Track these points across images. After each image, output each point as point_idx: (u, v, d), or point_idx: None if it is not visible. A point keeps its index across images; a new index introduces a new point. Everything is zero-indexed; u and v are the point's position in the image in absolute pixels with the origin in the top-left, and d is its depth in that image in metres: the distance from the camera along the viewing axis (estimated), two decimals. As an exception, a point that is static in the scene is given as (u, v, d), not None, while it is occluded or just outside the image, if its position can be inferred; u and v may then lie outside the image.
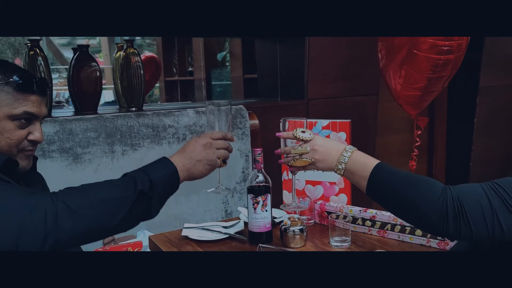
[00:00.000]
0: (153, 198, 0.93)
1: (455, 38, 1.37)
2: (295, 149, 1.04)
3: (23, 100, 1.02)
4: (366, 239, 1.25)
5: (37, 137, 1.05)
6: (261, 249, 1.10)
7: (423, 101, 1.59)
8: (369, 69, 2.43)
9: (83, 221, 0.86)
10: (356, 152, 0.99)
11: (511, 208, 0.77)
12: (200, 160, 1.02)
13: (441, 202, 0.81)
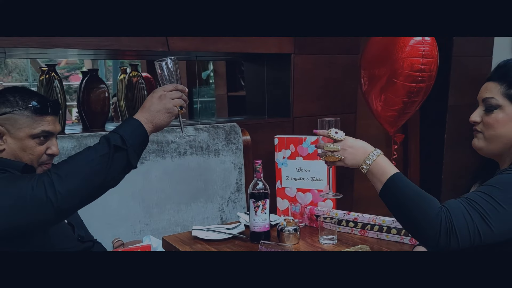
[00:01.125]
0: (128, 150, 1.08)
1: (427, 70, 1.64)
2: (328, 146, 1.19)
3: (40, 121, 1.22)
4: (350, 237, 1.48)
5: (54, 151, 1.26)
6: (263, 244, 1.31)
7: (399, 120, 1.85)
8: (347, 89, 2.68)
9: (73, 182, 1.03)
10: (381, 157, 1.11)
11: (487, 221, 0.96)
12: (159, 110, 1.14)
13: (437, 219, 0.97)
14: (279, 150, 1.63)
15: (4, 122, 1.19)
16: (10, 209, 1.03)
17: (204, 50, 2.21)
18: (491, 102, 1.11)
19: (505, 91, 1.10)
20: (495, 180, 1.03)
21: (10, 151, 1.20)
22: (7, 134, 1.20)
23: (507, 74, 1.10)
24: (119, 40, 1.98)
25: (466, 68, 3.23)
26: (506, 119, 1.10)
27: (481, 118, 1.15)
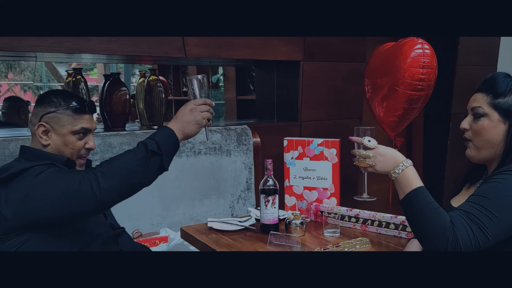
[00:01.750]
0: (162, 154, 1.26)
1: (426, 79, 1.78)
2: (361, 153, 1.31)
3: (79, 119, 1.38)
4: (351, 231, 1.61)
5: (91, 146, 1.42)
6: (272, 235, 1.45)
7: (400, 125, 2.00)
8: (353, 95, 2.82)
9: (115, 180, 1.21)
10: (409, 168, 1.21)
11: (485, 231, 1.09)
12: (189, 121, 1.32)
13: (446, 236, 1.09)
14: (288, 151, 1.77)
15: (49, 120, 1.36)
16: (60, 198, 1.19)
17: (218, 56, 2.36)
18: (479, 111, 1.25)
19: (491, 101, 1.23)
20: (484, 190, 1.16)
21: (54, 145, 1.36)
22: (52, 131, 1.36)
23: (493, 86, 1.24)
24: (140, 47, 2.13)
25: (470, 77, 3.33)
26: (492, 125, 1.23)
27: (470, 126, 1.28)
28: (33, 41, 1.89)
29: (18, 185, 1.24)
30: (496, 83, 1.24)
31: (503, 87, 1.23)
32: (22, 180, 1.24)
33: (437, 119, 3.44)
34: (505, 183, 1.14)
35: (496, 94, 1.23)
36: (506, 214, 1.11)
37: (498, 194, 1.13)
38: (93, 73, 12.25)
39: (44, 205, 1.20)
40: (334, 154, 1.72)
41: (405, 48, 1.84)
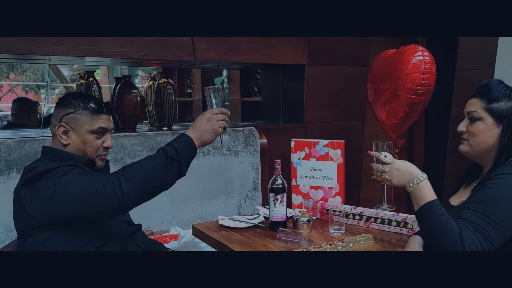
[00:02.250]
0: (181, 161, 1.34)
1: (426, 84, 1.87)
2: (378, 168, 1.38)
3: (97, 119, 1.46)
4: (355, 228, 1.69)
5: (109, 144, 1.50)
6: (281, 231, 1.53)
7: (401, 127, 2.09)
8: (356, 98, 2.90)
9: (137, 184, 1.28)
10: (423, 182, 1.28)
11: (490, 238, 1.18)
12: (206, 130, 1.40)
13: (455, 246, 1.18)
14: (295, 152, 1.85)
15: (68, 121, 1.44)
16: (84, 198, 1.27)
17: (227, 60, 2.44)
18: (474, 115, 1.34)
19: (485, 106, 1.32)
20: (482, 197, 1.24)
21: (74, 144, 1.44)
22: (71, 131, 1.44)
23: (487, 92, 1.33)
24: (152, 51, 2.21)
25: (469, 81, 3.42)
26: (486, 128, 1.32)
27: (466, 128, 1.37)
28: (49, 44, 1.97)
29: (43, 185, 1.31)
30: (490, 89, 1.33)
31: (497, 93, 1.32)
32: (48, 179, 1.31)
33: (437, 121, 3.52)
34: (500, 188, 1.23)
35: (490, 100, 1.32)
36: (505, 217, 1.20)
37: (495, 199, 1.22)
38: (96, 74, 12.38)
39: (69, 204, 1.28)
40: (339, 154, 1.79)
41: (407, 54, 1.93)
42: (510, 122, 1.31)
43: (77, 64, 5.94)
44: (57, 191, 1.28)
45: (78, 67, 9.19)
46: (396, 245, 1.52)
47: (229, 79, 4.48)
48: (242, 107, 4.22)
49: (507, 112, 1.32)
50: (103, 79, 10.29)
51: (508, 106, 1.32)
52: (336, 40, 2.75)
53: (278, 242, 1.52)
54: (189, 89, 5.19)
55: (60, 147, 1.46)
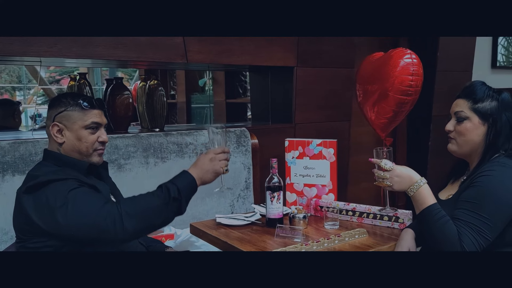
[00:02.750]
0: (182, 200, 1.35)
1: (414, 85, 1.96)
2: (379, 174, 1.45)
3: (89, 114, 1.47)
4: (349, 224, 1.75)
5: (104, 139, 1.51)
6: (279, 227, 1.58)
7: (390, 126, 2.17)
8: (343, 100, 2.98)
9: (138, 222, 1.29)
10: (423, 187, 1.37)
11: (485, 235, 1.27)
12: (208, 170, 1.42)
13: (456, 246, 1.27)
14: (289, 151, 1.90)
15: (61, 120, 1.45)
16: (84, 226, 1.27)
17: (219, 62, 2.48)
18: (461, 115, 1.42)
19: (471, 106, 1.41)
20: (472, 196, 1.33)
21: (69, 142, 1.45)
22: (65, 129, 1.45)
23: (472, 93, 1.42)
24: (145, 53, 2.23)
25: (448, 82, 3.55)
26: (473, 127, 1.41)
27: (454, 127, 1.45)
28: (42, 46, 1.98)
29: (47, 196, 1.31)
30: (475, 90, 1.42)
31: (481, 94, 1.41)
32: (52, 191, 1.31)
33: (420, 122, 3.63)
34: (486, 186, 1.32)
35: (476, 100, 1.41)
36: (495, 212, 1.29)
37: (484, 197, 1.31)
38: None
39: (69, 227, 1.28)
40: (332, 153, 1.85)
41: (396, 57, 2.01)
42: (494, 121, 1.40)
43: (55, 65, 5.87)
44: (58, 211, 1.28)
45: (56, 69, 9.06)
46: (388, 239, 1.59)
47: (213, 81, 4.52)
48: (227, 109, 4.27)
49: (491, 111, 1.40)
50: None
51: (492, 105, 1.40)
52: (323, 43, 2.82)
53: (277, 238, 1.56)
54: (172, 91, 5.19)
55: (56, 148, 1.47)
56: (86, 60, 2.18)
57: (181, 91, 4.87)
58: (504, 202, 1.28)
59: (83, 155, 1.47)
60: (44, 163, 1.48)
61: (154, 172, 2.20)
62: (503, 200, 1.28)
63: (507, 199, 1.28)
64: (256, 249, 1.48)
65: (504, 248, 1.33)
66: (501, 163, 1.34)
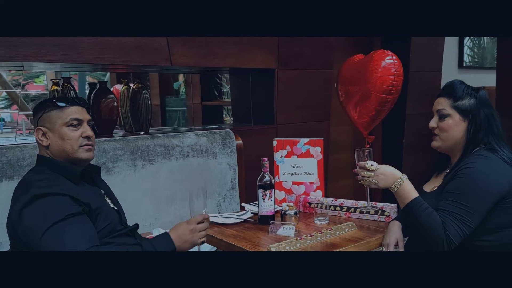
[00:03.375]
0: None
1: (395, 85, 2.06)
2: (366, 173, 1.52)
3: (67, 111, 1.47)
4: (337, 219, 1.82)
5: (88, 134, 1.50)
6: (272, 224, 1.63)
7: (372, 124, 2.27)
8: (323, 100, 3.07)
9: None
10: (406, 182, 1.47)
11: (467, 223, 1.36)
12: (187, 241, 1.44)
13: (441, 234, 1.36)
14: (277, 150, 1.96)
15: (43, 123, 1.47)
16: None
17: (202, 65, 2.51)
18: (443, 112, 1.52)
19: (452, 103, 1.51)
20: (455, 187, 1.42)
21: (54, 143, 1.46)
22: (48, 131, 1.46)
23: (452, 91, 1.52)
24: (130, 56, 2.25)
25: (420, 82, 3.71)
26: (454, 124, 1.51)
27: (436, 124, 1.55)
28: (27, 51, 1.97)
29: (36, 217, 1.31)
30: (455, 89, 1.52)
31: (460, 92, 1.51)
32: (42, 208, 1.32)
33: (394, 121, 3.77)
34: (468, 177, 1.42)
35: (456, 98, 1.51)
36: (476, 202, 1.38)
37: (466, 188, 1.40)
38: (38, 81, 11.89)
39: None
40: (319, 151, 1.92)
41: (378, 58, 2.11)
42: (473, 117, 1.50)
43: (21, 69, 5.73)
44: (42, 239, 1.28)
45: (18, 72, 8.84)
46: (375, 231, 1.67)
47: (186, 84, 4.53)
48: (202, 111, 4.30)
49: (471, 108, 1.50)
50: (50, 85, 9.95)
51: (471, 103, 1.51)
52: (303, 46, 2.90)
53: (271, 234, 1.62)
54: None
55: (45, 152, 1.48)
56: (71, 64, 2.18)
57: (155, 94, 4.85)
58: (484, 191, 1.38)
59: (69, 153, 1.46)
60: (38, 169, 1.48)
61: (142, 175, 2.22)
62: (484, 190, 1.38)
63: (488, 188, 1.38)
64: (251, 245, 1.53)
65: (484, 235, 1.42)
66: (482, 156, 1.44)
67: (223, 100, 4.43)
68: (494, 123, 1.50)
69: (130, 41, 2.23)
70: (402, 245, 1.54)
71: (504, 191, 1.39)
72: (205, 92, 4.34)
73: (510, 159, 1.45)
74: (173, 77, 4.90)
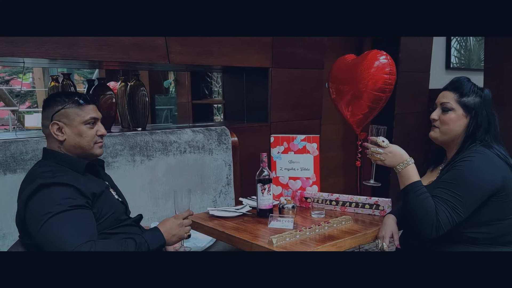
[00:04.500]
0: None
1: (389, 83, 2.14)
2: (375, 149, 1.58)
3: (86, 109, 1.53)
4: (333, 213, 1.89)
5: (103, 132, 1.56)
6: (271, 216, 1.69)
7: (364, 122, 2.34)
8: (315, 99, 3.14)
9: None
10: (411, 166, 1.52)
11: (458, 211, 1.43)
12: (175, 235, 1.50)
13: (432, 220, 1.42)
14: (275, 146, 2.02)
15: (60, 118, 1.49)
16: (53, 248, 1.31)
17: (199, 63, 2.56)
18: (447, 106, 1.58)
19: (457, 98, 1.57)
20: (451, 177, 1.49)
21: (70, 139, 1.50)
22: (65, 126, 1.49)
23: (459, 87, 1.57)
24: (129, 54, 2.29)
25: (409, 82, 3.81)
26: (457, 118, 1.57)
27: (438, 117, 1.60)
28: (29, 47, 1.99)
29: (42, 202, 1.35)
30: (462, 85, 1.58)
31: (467, 89, 1.57)
32: (48, 196, 1.36)
33: (383, 119, 3.85)
34: (464, 169, 1.48)
35: (462, 94, 1.57)
36: (469, 193, 1.45)
37: (461, 179, 1.47)
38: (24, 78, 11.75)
39: (44, 242, 1.33)
40: (315, 148, 1.99)
41: (373, 58, 2.18)
42: (476, 114, 1.56)
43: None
44: (44, 224, 1.32)
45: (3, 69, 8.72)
46: (370, 224, 1.74)
47: (176, 82, 4.56)
48: (193, 109, 4.33)
49: (475, 106, 1.56)
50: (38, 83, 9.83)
51: (476, 101, 1.57)
52: (296, 46, 2.97)
53: (270, 226, 1.68)
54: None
55: (57, 146, 1.51)
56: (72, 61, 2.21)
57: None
58: (478, 184, 1.45)
59: (85, 149, 1.52)
60: (45, 162, 1.51)
61: (141, 170, 2.26)
62: (478, 183, 1.45)
63: (482, 182, 1.45)
64: (252, 236, 1.58)
65: (477, 227, 1.49)
66: (479, 151, 1.50)
67: (214, 99, 4.47)
68: (493, 123, 1.56)
69: (128, 39, 2.27)
70: (397, 237, 1.61)
71: (497, 186, 1.46)
72: (195, 91, 4.37)
73: (505, 155, 1.52)
74: (163, 76, 4.93)
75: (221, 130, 2.60)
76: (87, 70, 5.85)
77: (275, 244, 1.46)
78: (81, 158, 1.52)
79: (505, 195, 1.48)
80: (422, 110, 3.85)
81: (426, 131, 1.89)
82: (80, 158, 1.52)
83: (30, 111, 7.18)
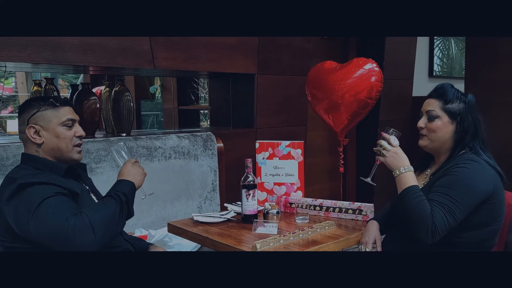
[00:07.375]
0: (130, 203, 1.49)
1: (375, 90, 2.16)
2: (384, 145, 1.59)
3: (62, 111, 1.52)
4: (317, 218, 1.90)
5: (81, 133, 1.56)
6: (255, 222, 1.69)
7: (348, 128, 2.37)
8: (300, 105, 3.16)
9: (105, 230, 1.37)
10: (409, 172, 1.52)
11: (453, 215, 1.43)
12: (136, 173, 1.57)
13: (428, 223, 1.42)
14: (260, 152, 2.03)
15: (36, 121, 1.48)
16: (53, 237, 1.32)
17: (185, 69, 2.56)
18: (432, 114, 1.60)
19: (442, 106, 1.59)
20: (448, 182, 1.50)
21: (48, 141, 1.48)
22: (42, 129, 1.48)
23: (443, 94, 1.59)
24: (114, 59, 2.28)
25: (393, 89, 3.86)
26: (443, 125, 1.58)
27: (425, 125, 1.62)
28: (13, 51, 1.97)
29: (24, 201, 1.35)
30: (446, 91, 1.60)
31: (451, 95, 1.59)
32: (28, 195, 1.35)
33: (367, 126, 3.90)
34: (461, 175, 1.50)
35: (446, 101, 1.59)
36: (465, 197, 1.46)
37: (457, 184, 1.48)
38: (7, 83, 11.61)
39: (38, 235, 1.34)
40: (300, 153, 2.00)
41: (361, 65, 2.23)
42: (461, 120, 1.58)
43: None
44: (32, 222, 1.32)
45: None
46: (353, 229, 1.75)
47: (163, 88, 4.55)
48: (179, 115, 4.31)
49: (459, 112, 1.58)
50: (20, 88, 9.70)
51: (460, 107, 1.59)
52: (281, 52, 2.99)
53: (254, 231, 1.68)
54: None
55: (35, 150, 1.49)
56: (56, 65, 2.19)
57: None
58: (473, 190, 1.47)
59: (64, 152, 1.50)
60: (23, 166, 1.49)
61: (125, 176, 2.24)
62: (473, 189, 1.47)
63: (477, 189, 1.47)
64: (236, 242, 1.58)
65: (462, 232, 1.51)
66: (473, 159, 1.52)
67: (200, 104, 4.47)
68: (480, 128, 1.59)
69: (114, 43, 2.26)
70: (380, 243, 1.62)
71: (489, 192, 1.48)
72: (181, 96, 4.36)
73: (493, 163, 1.55)
74: (149, 81, 4.91)
75: (207, 135, 2.60)
76: (72, 75, 5.82)
77: (259, 249, 1.47)
78: (60, 162, 1.50)
79: (493, 203, 1.50)
80: (406, 117, 3.91)
81: (410, 138, 1.91)
82: (60, 162, 1.50)
83: (13, 116, 7.07)
